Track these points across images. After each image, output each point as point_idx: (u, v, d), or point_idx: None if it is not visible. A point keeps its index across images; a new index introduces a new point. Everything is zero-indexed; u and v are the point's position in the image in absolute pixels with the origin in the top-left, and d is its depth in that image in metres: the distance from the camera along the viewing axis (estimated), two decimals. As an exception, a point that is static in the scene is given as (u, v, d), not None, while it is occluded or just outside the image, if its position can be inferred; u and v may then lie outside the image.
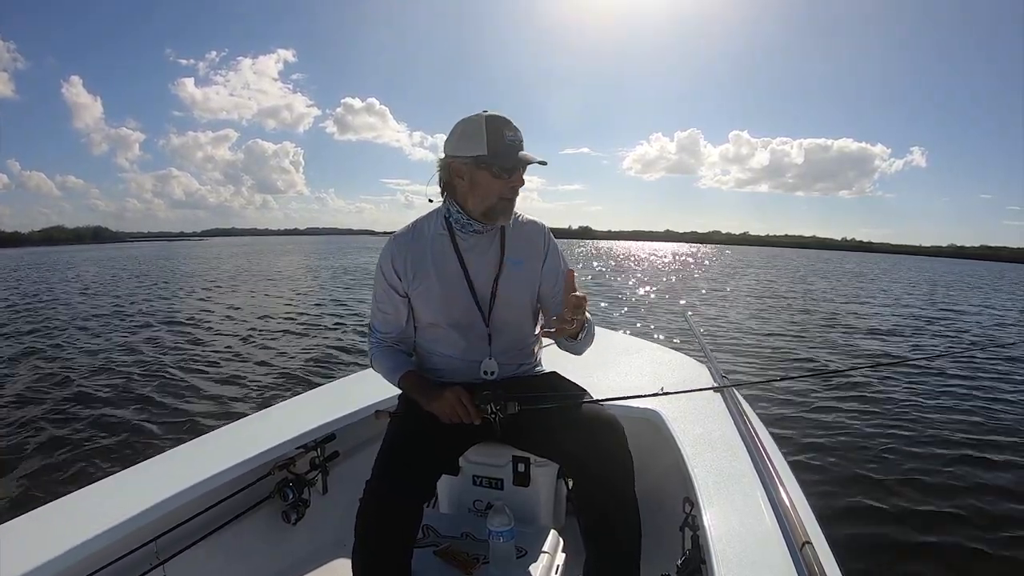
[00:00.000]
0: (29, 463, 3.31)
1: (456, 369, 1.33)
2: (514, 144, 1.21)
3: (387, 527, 1.11)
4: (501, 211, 1.26)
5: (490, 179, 1.23)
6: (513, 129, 1.22)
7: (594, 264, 29.94)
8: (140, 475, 1.30)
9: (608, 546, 1.17)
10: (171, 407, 4.38)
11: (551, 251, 1.38)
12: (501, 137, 1.20)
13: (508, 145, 1.20)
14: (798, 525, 0.98)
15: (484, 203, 1.25)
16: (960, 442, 3.77)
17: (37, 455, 3.44)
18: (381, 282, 1.34)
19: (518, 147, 1.22)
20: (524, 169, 1.26)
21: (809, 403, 4.43)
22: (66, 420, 4.07)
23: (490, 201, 1.25)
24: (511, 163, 1.21)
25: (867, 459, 3.41)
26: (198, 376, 5.36)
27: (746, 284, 18.45)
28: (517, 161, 1.22)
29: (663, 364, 2.20)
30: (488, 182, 1.23)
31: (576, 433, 1.20)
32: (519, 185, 1.25)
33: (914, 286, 20.82)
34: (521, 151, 1.22)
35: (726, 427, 1.52)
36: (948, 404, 4.65)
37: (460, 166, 1.24)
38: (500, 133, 1.20)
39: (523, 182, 1.26)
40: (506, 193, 1.24)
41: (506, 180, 1.23)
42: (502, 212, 1.27)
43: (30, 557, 0.96)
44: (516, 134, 1.22)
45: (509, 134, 1.21)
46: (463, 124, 1.23)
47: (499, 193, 1.24)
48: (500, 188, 1.24)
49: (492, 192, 1.24)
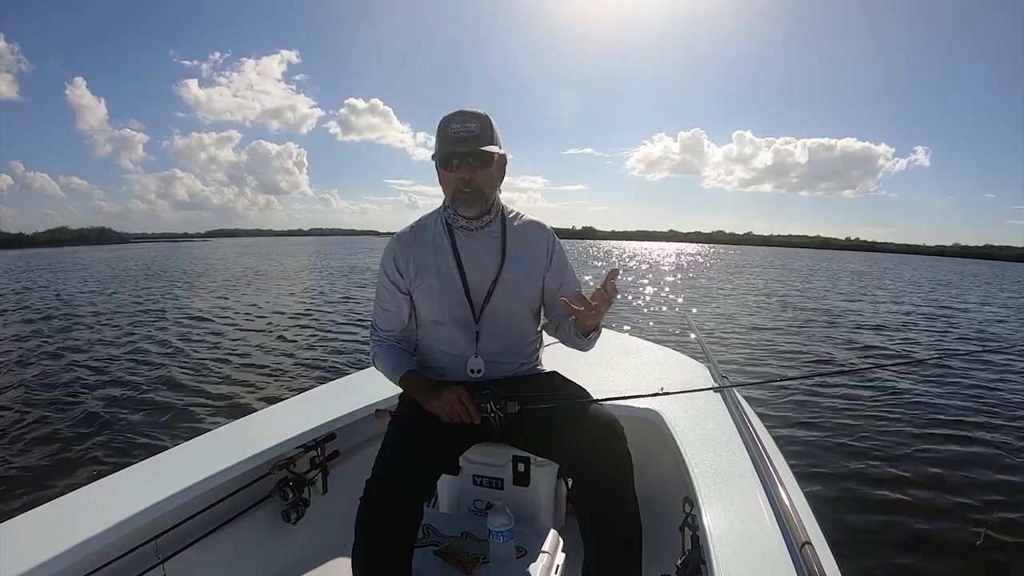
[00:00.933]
0: (29, 462, 3.33)
1: (451, 366, 1.34)
2: (457, 135, 1.20)
3: (387, 526, 1.11)
4: (460, 201, 1.26)
5: (445, 173, 1.25)
6: (463, 120, 1.21)
7: (597, 264, 29.91)
8: (140, 474, 1.30)
9: (608, 546, 1.17)
10: (171, 406, 4.40)
11: (556, 253, 1.38)
12: (447, 130, 1.21)
13: (450, 137, 1.20)
14: (798, 525, 0.98)
15: (447, 195, 1.28)
16: (962, 442, 3.76)
17: (37, 454, 3.46)
18: (384, 280, 1.36)
19: (462, 138, 1.20)
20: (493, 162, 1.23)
21: (809, 403, 4.42)
22: (66, 419, 4.10)
23: (449, 194, 1.27)
24: (444, 152, 1.21)
25: (867, 459, 3.41)
26: (198, 375, 5.38)
27: (747, 284, 18.41)
28: (450, 150, 1.21)
29: (663, 364, 2.20)
30: (444, 176, 1.26)
31: (576, 433, 1.20)
32: (466, 176, 1.23)
33: (916, 285, 20.75)
34: (471, 140, 1.20)
35: (726, 427, 1.51)
36: (950, 404, 4.64)
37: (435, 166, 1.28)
38: (447, 127, 1.21)
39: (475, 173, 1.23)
40: (458, 184, 1.24)
41: (453, 171, 1.23)
42: (461, 203, 1.26)
43: (30, 556, 0.97)
44: (464, 124, 1.20)
45: (455, 126, 1.20)
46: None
47: (453, 184, 1.25)
48: (452, 181, 1.25)
49: (448, 185, 1.26)
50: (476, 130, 1.21)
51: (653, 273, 23.79)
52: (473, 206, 1.27)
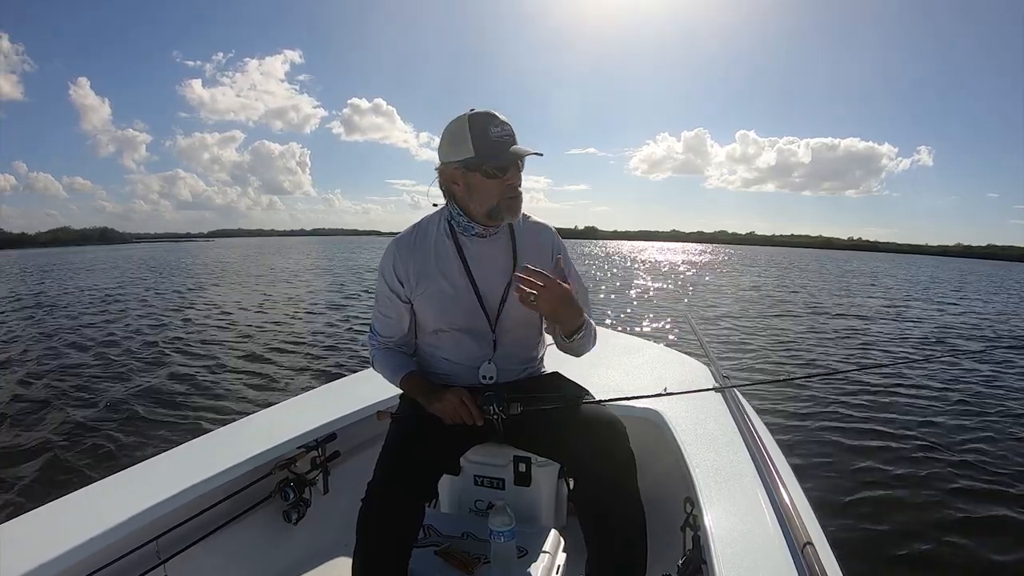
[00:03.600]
0: (29, 462, 3.33)
1: (458, 374, 1.31)
2: (502, 140, 1.14)
3: (388, 527, 1.11)
4: (506, 210, 1.19)
5: (484, 181, 1.17)
6: (499, 123, 1.14)
7: (598, 264, 29.90)
8: (141, 474, 1.30)
9: (610, 546, 1.17)
10: (172, 406, 4.41)
11: (560, 253, 1.35)
12: (486, 134, 1.13)
13: (495, 142, 1.13)
14: (799, 526, 0.98)
15: (485, 206, 1.19)
16: (963, 443, 3.74)
17: (37, 454, 3.46)
18: (383, 287, 1.31)
19: (507, 142, 1.15)
20: (522, 164, 1.19)
21: (811, 404, 4.41)
22: (65, 419, 4.10)
23: (490, 203, 1.18)
24: (501, 161, 1.15)
25: (869, 460, 3.39)
26: (199, 375, 5.38)
27: (749, 284, 18.38)
28: (507, 157, 1.14)
29: (664, 364, 2.19)
30: (483, 184, 1.17)
31: (578, 433, 1.19)
32: (517, 182, 1.18)
33: (918, 285, 20.68)
34: (513, 145, 1.15)
35: (727, 427, 1.51)
36: (953, 404, 4.62)
37: (453, 172, 1.19)
38: (485, 130, 1.13)
39: (520, 178, 1.19)
40: (506, 192, 1.18)
41: (501, 179, 1.16)
42: (507, 211, 1.20)
43: (30, 557, 0.97)
44: (503, 128, 1.14)
45: (495, 129, 1.13)
46: (449, 127, 1.18)
47: (498, 194, 1.17)
48: (497, 188, 1.17)
49: (491, 194, 1.17)
50: (512, 133, 1.16)
51: (654, 273, 23.77)
52: (518, 211, 1.22)
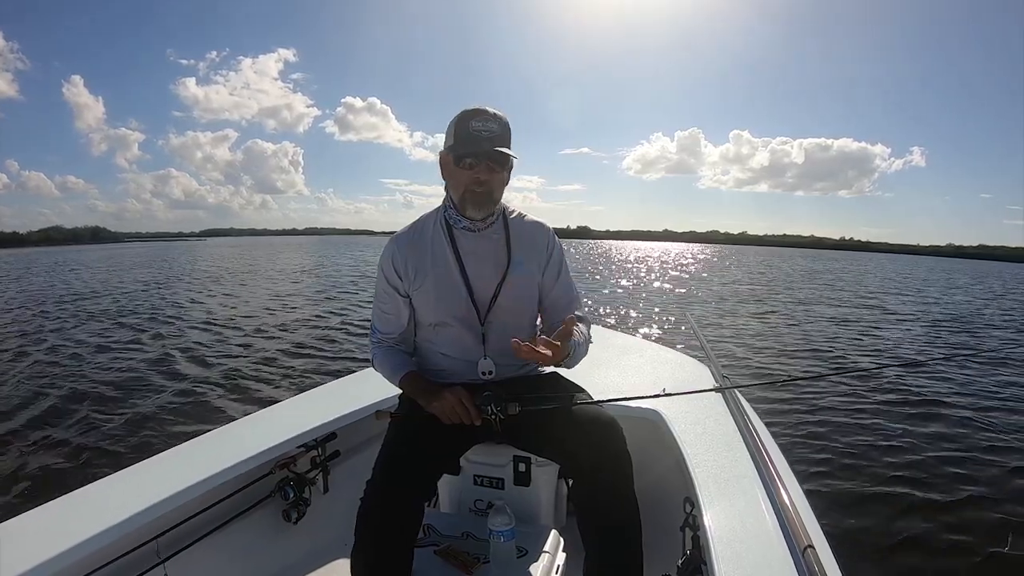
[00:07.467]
0: (29, 462, 3.31)
1: (455, 369, 1.33)
2: (479, 134, 1.18)
3: (388, 526, 1.11)
4: (470, 202, 1.24)
5: (457, 170, 1.23)
6: (485, 118, 1.19)
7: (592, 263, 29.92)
8: (141, 473, 1.30)
9: (609, 546, 1.17)
10: (172, 405, 4.38)
11: (555, 252, 1.37)
12: (467, 127, 1.19)
13: (471, 134, 1.18)
14: (799, 528, 0.98)
15: (456, 193, 1.26)
16: (965, 444, 3.75)
17: (37, 453, 3.44)
18: (382, 283, 1.34)
19: (483, 136, 1.19)
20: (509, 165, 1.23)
21: (811, 404, 4.41)
22: (66, 419, 4.07)
23: (459, 191, 1.24)
24: (464, 150, 1.19)
25: (869, 461, 3.39)
26: (199, 375, 5.36)
27: (746, 284, 18.44)
28: (470, 149, 1.19)
29: (664, 364, 2.20)
30: (457, 173, 1.23)
31: (576, 433, 1.20)
32: (483, 176, 1.21)
33: (913, 285, 20.82)
34: (491, 141, 1.19)
35: (727, 427, 1.52)
36: (955, 405, 4.62)
37: (442, 156, 1.27)
38: (467, 123, 1.19)
39: (492, 175, 1.22)
40: (471, 184, 1.22)
41: (467, 170, 1.21)
42: (471, 203, 1.24)
43: (31, 556, 0.96)
44: (485, 124, 1.19)
45: (476, 123, 1.18)
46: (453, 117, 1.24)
47: (465, 183, 1.22)
48: (465, 178, 1.22)
49: (460, 183, 1.23)
50: (496, 131, 1.20)
51: (650, 273, 23.82)
52: (482, 207, 1.26)
